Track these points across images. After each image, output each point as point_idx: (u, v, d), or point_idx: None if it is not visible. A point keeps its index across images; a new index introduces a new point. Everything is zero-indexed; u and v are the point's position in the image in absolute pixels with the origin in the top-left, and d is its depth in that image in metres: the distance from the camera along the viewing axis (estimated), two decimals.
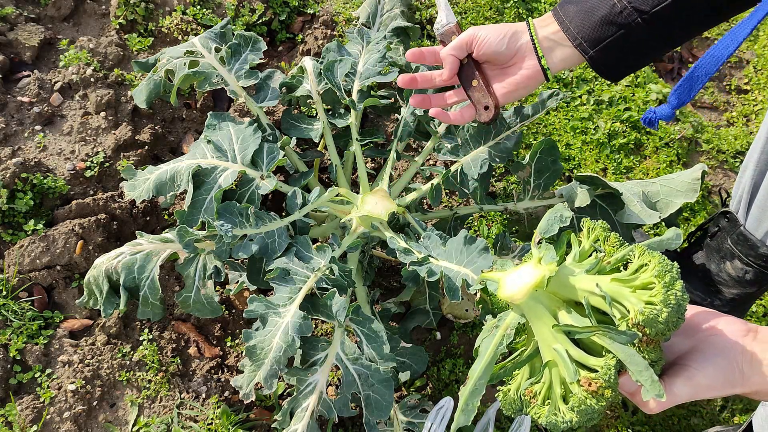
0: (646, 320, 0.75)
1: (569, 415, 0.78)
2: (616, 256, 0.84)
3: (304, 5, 2.36)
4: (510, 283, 0.84)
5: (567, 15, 1.28)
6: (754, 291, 1.68)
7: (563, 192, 1.66)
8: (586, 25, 1.25)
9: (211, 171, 1.48)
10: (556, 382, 0.82)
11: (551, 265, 0.82)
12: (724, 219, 1.65)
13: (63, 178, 1.84)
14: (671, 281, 0.76)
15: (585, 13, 1.25)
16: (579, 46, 1.27)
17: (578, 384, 0.78)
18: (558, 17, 1.29)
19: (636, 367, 0.75)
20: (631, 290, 0.79)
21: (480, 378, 0.85)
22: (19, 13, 2.08)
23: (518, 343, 0.90)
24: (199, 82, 1.67)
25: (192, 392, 1.65)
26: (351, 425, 1.67)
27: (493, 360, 0.86)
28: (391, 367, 1.35)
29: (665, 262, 0.78)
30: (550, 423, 0.80)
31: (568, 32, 1.28)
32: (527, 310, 0.84)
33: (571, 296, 0.84)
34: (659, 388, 0.73)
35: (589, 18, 1.24)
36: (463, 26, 2.43)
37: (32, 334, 1.63)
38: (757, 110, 2.44)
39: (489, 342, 0.86)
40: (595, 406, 0.77)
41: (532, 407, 0.83)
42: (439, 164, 2.11)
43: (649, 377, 0.74)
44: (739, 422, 1.80)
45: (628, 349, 0.75)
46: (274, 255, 1.45)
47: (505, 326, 0.87)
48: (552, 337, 0.82)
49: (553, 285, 0.83)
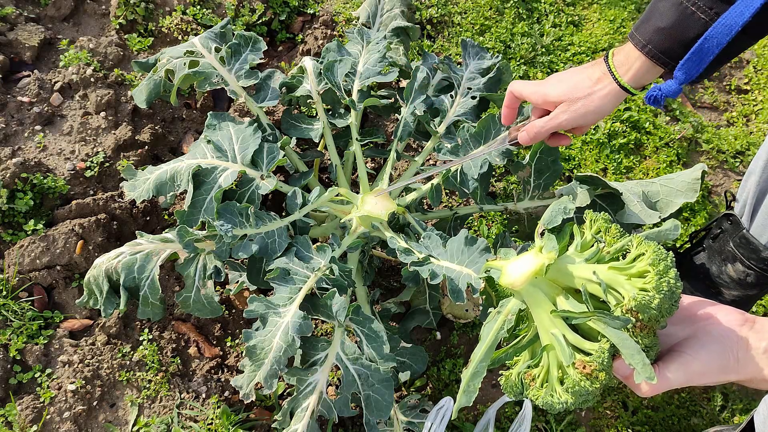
0: (638, 305, 0.78)
1: (564, 396, 0.81)
2: (616, 246, 0.87)
3: (304, 5, 2.36)
4: (511, 270, 0.88)
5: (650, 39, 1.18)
6: (755, 293, 1.68)
7: (563, 192, 1.66)
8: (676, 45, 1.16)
9: (211, 171, 1.48)
10: (553, 366, 0.85)
11: (551, 254, 0.86)
12: (727, 221, 1.65)
13: (63, 178, 1.84)
14: (665, 269, 0.79)
15: (675, 36, 1.15)
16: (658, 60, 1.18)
17: (573, 367, 0.81)
18: (636, 41, 1.20)
19: (628, 350, 0.78)
20: (626, 278, 0.82)
21: (481, 360, 0.88)
22: (19, 13, 2.09)
23: (521, 330, 0.93)
24: (199, 82, 1.67)
25: (192, 392, 1.65)
26: (351, 425, 1.67)
27: (494, 344, 0.89)
28: (391, 367, 1.35)
29: (660, 252, 0.81)
30: (546, 403, 0.83)
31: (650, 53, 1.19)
32: (527, 296, 0.87)
33: (570, 284, 0.87)
34: (650, 371, 0.76)
35: (681, 41, 1.15)
36: (462, 26, 2.43)
37: (32, 334, 1.63)
38: (757, 110, 2.44)
39: (491, 327, 0.90)
40: (589, 387, 0.80)
41: (531, 389, 0.87)
42: (439, 164, 2.11)
43: (641, 360, 0.77)
44: (739, 422, 1.80)
45: (621, 334, 0.79)
46: (274, 255, 1.45)
47: (506, 312, 0.90)
48: (550, 322, 0.85)
49: (553, 272, 0.87)
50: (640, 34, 1.19)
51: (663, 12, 1.16)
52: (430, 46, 2.37)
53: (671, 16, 1.14)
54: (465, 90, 1.79)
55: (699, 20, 1.11)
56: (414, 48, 2.35)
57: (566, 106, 1.29)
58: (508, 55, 2.39)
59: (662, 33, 1.16)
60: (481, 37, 2.41)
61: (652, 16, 1.18)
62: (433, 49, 2.37)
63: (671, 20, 1.14)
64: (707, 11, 1.10)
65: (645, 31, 1.18)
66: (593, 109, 1.27)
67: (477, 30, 2.42)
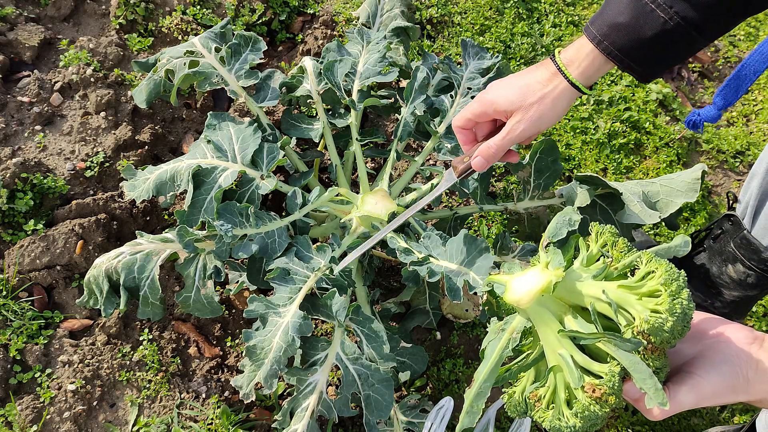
0: (651, 329, 0.75)
1: (573, 421, 0.78)
2: (624, 262, 0.84)
3: (304, 5, 2.36)
4: (517, 286, 0.84)
5: (608, 38, 1.12)
6: (755, 294, 1.68)
7: (563, 192, 1.66)
8: (635, 45, 1.10)
9: (211, 171, 1.48)
10: (560, 387, 0.82)
11: (558, 271, 0.82)
12: (728, 222, 1.64)
13: (63, 178, 1.84)
14: (678, 290, 0.75)
15: (632, 33, 1.09)
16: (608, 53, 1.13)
17: (582, 390, 0.78)
18: (590, 35, 1.14)
19: (640, 374, 0.74)
20: (637, 297, 0.79)
21: (485, 381, 0.85)
22: (19, 13, 2.09)
23: (524, 345, 0.90)
24: (199, 82, 1.67)
25: (192, 392, 1.65)
26: (351, 425, 1.67)
27: (498, 363, 0.86)
28: (391, 367, 1.35)
29: (672, 271, 0.77)
30: (553, 427, 0.80)
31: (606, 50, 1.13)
32: (533, 315, 0.84)
33: (578, 302, 0.84)
34: (663, 396, 0.73)
35: (638, 39, 1.10)
36: (462, 26, 2.43)
37: (32, 334, 1.63)
38: (757, 110, 2.44)
39: (495, 345, 0.86)
40: (599, 412, 0.77)
41: (537, 410, 0.83)
42: (439, 164, 2.11)
43: (653, 385, 0.73)
44: (739, 422, 1.80)
45: (632, 357, 0.75)
46: (274, 255, 1.45)
47: (511, 330, 0.87)
48: (557, 343, 0.82)
49: (560, 290, 0.83)
50: (595, 28, 1.13)
51: (620, 6, 1.10)
52: (430, 46, 2.37)
53: (629, 11, 1.08)
54: (465, 90, 1.79)
55: (658, 19, 1.06)
56: (414, 48, 2.35)
57: (521, 114, 1.19)
58: (508, 55, 2.39)
59: (618, 28, 1.10)
60: (481, 37, 2.41)
61: (607, 10, 1.12)
62: (433, 49, 2.37)
63: (628, 16, 1.09)
64: (667, 9, 1.05)
65: (600, 26, 1.12)
66: (548, 112, 1.18)
67: (477, 30, 2.42)
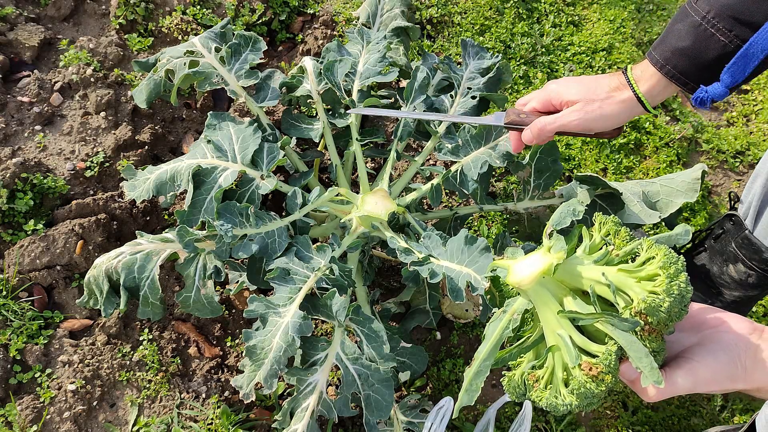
0: (648, 308, 0.77)
1: (569, 398, 0.80)
2: (625, 249, 0.86)
3: (304, 5, 2.36)
4: (519, 269, 0.86)
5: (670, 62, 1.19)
6: (755, 294, 1.68)
7: (563, 192, 1.66)
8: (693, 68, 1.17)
9: (211, 171, 1.48)
10: (558, 367, 0.84)
11: (560, 253, 0.84)
12: (729, 222, 1.64)
13: (63, 178, 1.84)
14: (675, 273, 0.78)
15: (694, 57, 1.16)
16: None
17: (579, 368, 0.80)
18: (653, 60, 1.22)
19: (636, 353, 0.77)
20: (636, 280, 0.81)
21: (485, 359, 0.87)
22: (19, 13, 2.09)
23: (525, 332, 0.92)
24: (199, 82, 1.67)
25: (192, 392, 1.65)
26: (351, 425, 1.67)
27: (498, 343, 0.88)
28: (391, 367, 1.35)
29: (671, 255, 0.80)
30: (550, 405, 0.82)
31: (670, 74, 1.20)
32: (534, 296, 0.86)
33: (578, 285, 0.86)
34: (658, 375, 0.75)
35: (700, 62, 1.16)
36: (462, 26, 2.43)
37: (32, 334, 1.63)
38: (757, 110, 2.44)
39: (495, 325, 0.89)
40: (595, 390, 0.79)
41: (535, 391, 0.85)
42: (439, 164, 2.11)
43: (649, 364, 0.75)
44: (739, 422, 1.80)
45: (629, 336, 0.78)
46: (274, 255, 1.45)
47: (512, 311, 0.89)
48: (557, 323, 0.84)
49: (561, 273, 0.86)
50: (657, 53, 1.20)
51: (680, 33, 1.16)
52: (430, 46, 2.37)
53: (689, 37, 1.15)
54: (465, 90, 1.79)
55: (718, 42, 1.12)
56: (414, 48, 2.35)
57: (581, 105, 1.28)
58: (508, 55, 2.39)
59: (680, 54, 1.17)
60: (481, 37, 2.41)
61: (669, 37, 1.18)
62: (433, 49, 2.37)
63: (689, 41, 1.15)
64: (727, 33, 1.11)
65: (663, 51, 1.19)
66: (608, 113, 1.26)
67: (477, 30, 2.42)
